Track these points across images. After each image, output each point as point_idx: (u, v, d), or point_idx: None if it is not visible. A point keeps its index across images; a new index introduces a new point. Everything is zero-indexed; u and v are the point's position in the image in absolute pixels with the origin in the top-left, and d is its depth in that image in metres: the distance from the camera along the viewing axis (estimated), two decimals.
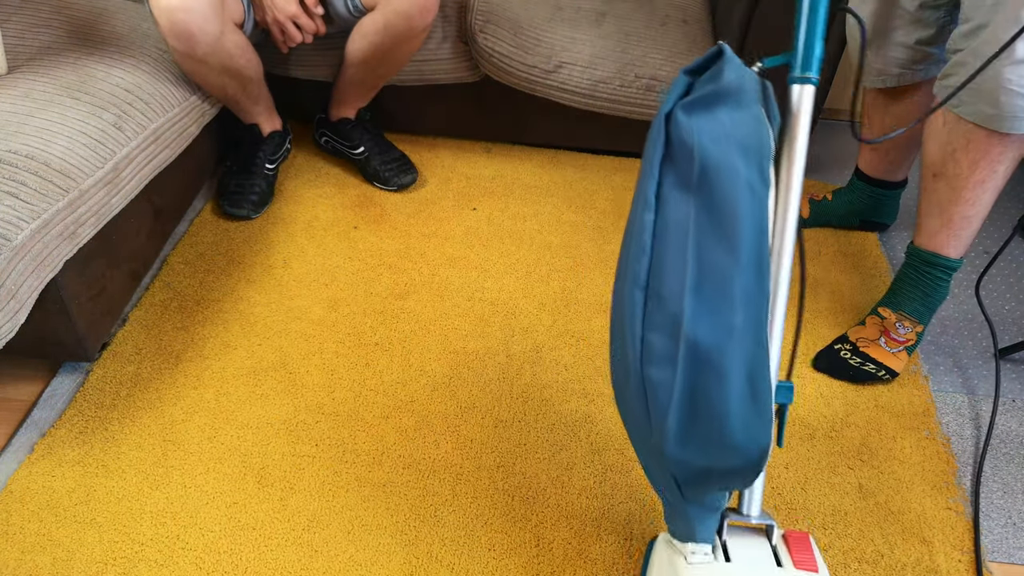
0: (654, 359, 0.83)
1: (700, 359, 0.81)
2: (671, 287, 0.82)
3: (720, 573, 0.90)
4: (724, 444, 0.82)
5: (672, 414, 0.83)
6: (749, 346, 0.80)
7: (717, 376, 0.80)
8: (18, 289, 1.08)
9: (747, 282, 0.80)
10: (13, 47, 1.34)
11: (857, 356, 1.38)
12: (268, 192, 1.69)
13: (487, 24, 1.68)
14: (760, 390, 0.81)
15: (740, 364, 0.80)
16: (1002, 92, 1.15)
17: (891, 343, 1.38)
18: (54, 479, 1.16)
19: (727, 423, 0.81)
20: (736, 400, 0.80)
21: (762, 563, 0.91)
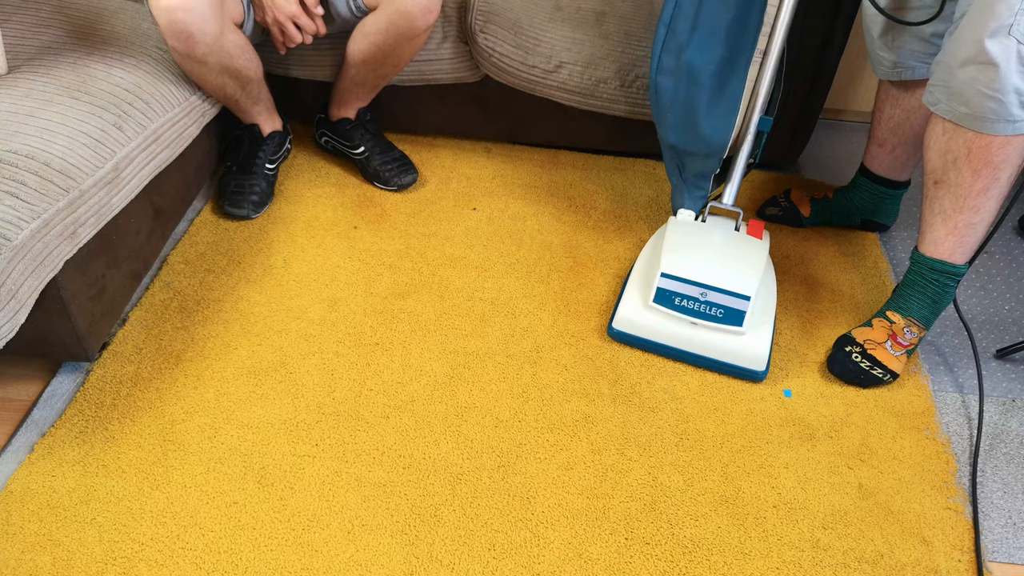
0: (663, 71, 1.38)
1: (691, 75, 1.35)
2: (682, 25, 1.35)
3: (693, 223, 1.48)
4: (698, 135, 1.40)
5: (671, 111, 1.40)
6: (729, 75, 1.35)
7: (698, 88, 1.36)
8: (18, 289, 1.08)
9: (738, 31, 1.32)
10: (13, 47, 1.34)
11: (867, 359, 1.38)
12: (268, 192, 1.69)
13: (487, 24, 1.68)
14: (730, 106, 1.37)
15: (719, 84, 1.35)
16: (972, 93, 1.15)
17: (896, 347, 1.38)
18: (54, 479, 1.17)
19: (699, 120, 1.38)
20: (709, 107, 1.36)
21: (722, 225, 1.47)
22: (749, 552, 1.14)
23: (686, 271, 1.35)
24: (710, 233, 1.45)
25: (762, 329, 1.36)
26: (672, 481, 1.22)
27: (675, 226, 1.46)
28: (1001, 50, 1.10)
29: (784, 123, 1.82)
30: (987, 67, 1.12)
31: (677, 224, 1.47)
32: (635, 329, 1.39)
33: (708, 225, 1.46)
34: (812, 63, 1.72)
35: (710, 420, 1.32)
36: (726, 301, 1.33)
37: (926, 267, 1.37)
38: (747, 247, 1.42)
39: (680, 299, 1.34)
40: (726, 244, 1.43)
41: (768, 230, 1.49)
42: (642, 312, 1.38)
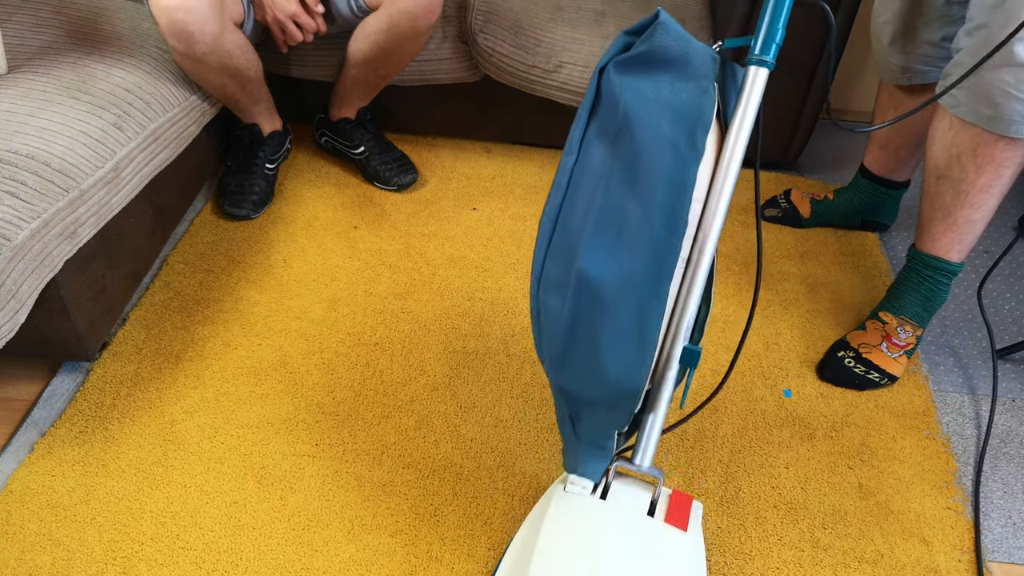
0: (550, 286, 0.91)
1: (589, 292, 0.88)
2: (575, 222, 0.89)
3: (584, 504, 0.97)
4: (597, 375, 0.91)
5: (560, 342, 0.91)
6: (644, 295, 0.87)
7: (601, 311, 0.88)
8: (18, 289, 1.08)
9: (655, 236, 0.87)
10: (13, 47, 1.34)
11: (861, 364, 1.38)
12: (268, 192, 1.69)
13: (487, 24, 1.68)
14: (646, 338, 0.89)
15: (631, 308, 0.87)
16: (998, 94, 1.15)
17: (892, 348, 1.38)
18: (54, 479, 1.17)
19: (602, 356, 0.89)
20: (617, 338, 0.88)
21: (633, 508, 0.97)
22: (749, 552, 1.14)
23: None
24: (604, 526, 0.95)
25: None
26: (672, 481, 1.22)
27: (557, 510, 0.98)
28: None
29: (784, 123, 1.82)
30: (1019, 70, 1.11)
31: (561, 505, 0.98)
32: None
33: (606, 508, 0.97)
34: (811, 63, 1.72)
35: (710, 420, 1.32)
36: None
37: (921, 263, 1.37)
38: (658, 554, 0.92)
39: None
40: (625, 546, 0.93)
41: (700, 506, 0.99)
42: None
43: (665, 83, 0.89)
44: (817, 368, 1.41)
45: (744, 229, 1.72)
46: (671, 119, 0.87)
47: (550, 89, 1.72)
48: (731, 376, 1.39)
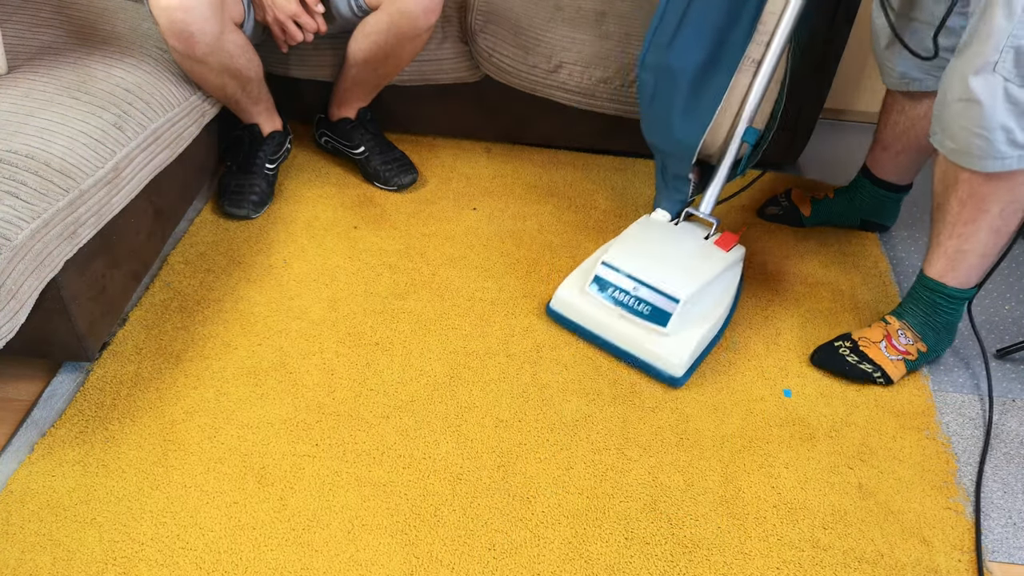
0: (647, 66, 1.36)
1: (670, 75, 1.34)
2: (670, 21, 1.31)
3: (660, 222, 1.48)
4: (671, 136, 1.40)
5: (650, 108, 1.39)
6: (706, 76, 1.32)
7: (675, 89, 1.34)
8: (18, 289, 1.08)
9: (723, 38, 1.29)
10: (13, 47, 1.34)
11: (855, 354, 1.38)
12: (268, 192, 1.69)
13: (487, 24, 1.68)
14: (702, 114, 1.34)
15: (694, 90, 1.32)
16: (958, 129, 1.15)
17: (891, 349, 1.38)
18: (54, 479, 1.17)
19: (672, 121, 1.37)
20: (682, 108, 1.35)
21: (694, 232, 1.46)
22: (749, 552, 1.14)
23: (625, 263, 1.36)
24: (672, 236, 1.44)
25: (691, 335, 1.34)
26: (672, 481, 1.22)
27: (641, 223, 1.48)
28: (985, 87, 1.09)
29: (784, 123, 1.82)
30: (972, 104, 1.11)
31: (645, 222, 1.48)
32: (569, 311, 1.41)
33: (676, 229, 1.46)
34: (812, 63, 1.72)
35: (710, 420, 1.32)
36: (655, 299, 1.33)
37: (921, 282, 1.37)
38: (703, 255, 1.41)
39: (613, 290, 1.35)
40: (682, 248, 1.42)
41: (742, 249, 1.46)
42: (579, 297, 1.40)
43: None
44: (812, 354, 1.42)
45: (746, 229, 1.72)
46: None
47: (550, 89, 1.72)
48: (731, 376, 1.39)
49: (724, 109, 1.35)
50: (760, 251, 1.66)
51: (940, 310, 1.36)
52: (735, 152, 1.39)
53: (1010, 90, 1.09)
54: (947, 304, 1.35)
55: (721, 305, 1.41)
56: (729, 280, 1.44)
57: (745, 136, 1.37)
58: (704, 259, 1.40)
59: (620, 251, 1.39)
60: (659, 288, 1.33)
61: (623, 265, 1.37)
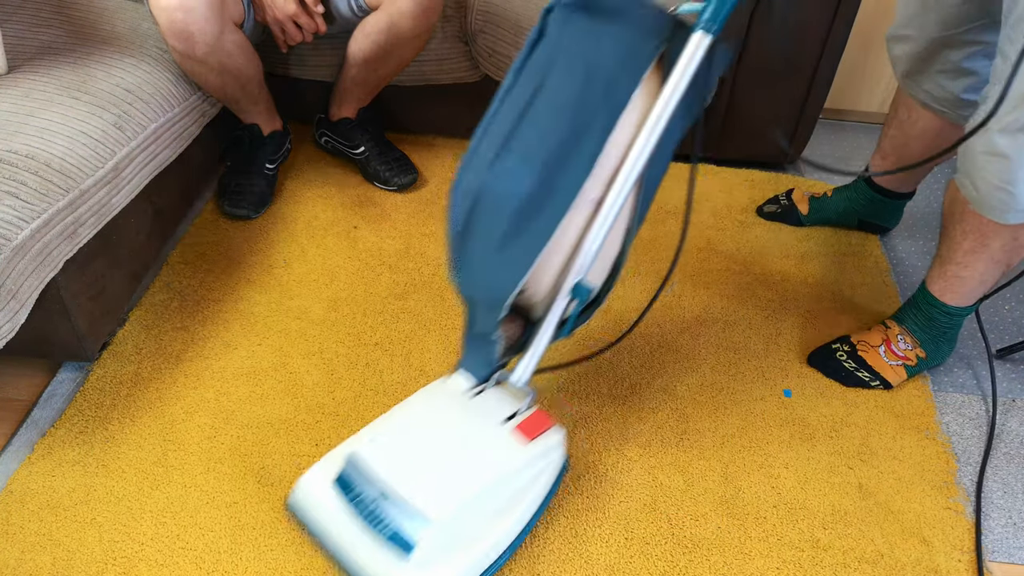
0: (460, 187, 0.98)
1: (483, 201, 0.97)
2: (493, 136, 0.97)
3: (450, 392, 1.11)
4: (475, 277, 1.02)
5: (458, 240, 1.00)
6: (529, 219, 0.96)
7: (493, 218, 0.97)
8: (18, 289, 1.08)
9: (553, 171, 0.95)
10: (13, 47, 1.34)
11: (853, 360, 1.38)
12: (268, 192, 1.69)
13: (487, 24, 1.68)
14: (523, 247, 0.97)
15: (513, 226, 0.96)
16: (980, 180, 1.14)
17: (890, 354, 1.38)
18: (54, 479, 1.17)
19: (486, 260, 0.99)
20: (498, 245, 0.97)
21: (492, 410, 1.08)
22: (749, 552, 1.14)
23: (376, 461, 1.02)
24: (459, 417, 1.08)
25: (444, 569, 0.99)
26: (672, 481, 1.22)
27: (429, 392, 1.13)
28: (1013, 145, 1.08)
29: (784, 123, 1.82)
30: (1000, 160, 1.10)
31: (432, 392, 1.12)
32: (309, 509, 1.06)
33: (469, 405, 1.09)
34: (812, 63, 1.72)
35: (710, 420, 1.32)
36: (400, 518, 0.97)
37: (922, 294, 1.37)
38: (491, 449, 1.04)
39: (357, 494, 1.01)
40: (465, 438, 1.05)
41: (561, 432, 1.10)
42: (325, 491, 1.04)
43: (605, 32, 0.95)
44: (809, 355, 1.42)
45: (743, 229, 1.72)
46: (596, 65, 0.94)
47: None
48: (731, 376, 1.39)
49: (551, 253, 1.00)
50: (760, 251, 1.67)
51: (938, 323, 1.36)
52: (560, 310, 1.05)
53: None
54: (945, 319, 1.35)
55: (509, 517, 1.06)
56: (527, 481, 1.07)
57: (574, 292, 1.03)
58: (489, 456, 1.04)
59: (377, 441, 1.04)
60: (408, 503, 0.97)
61: (373, 463, 1.01)
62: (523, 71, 0.97)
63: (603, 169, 0.98)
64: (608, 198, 0.99)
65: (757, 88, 1.76)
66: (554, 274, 1.03)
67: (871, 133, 2.10)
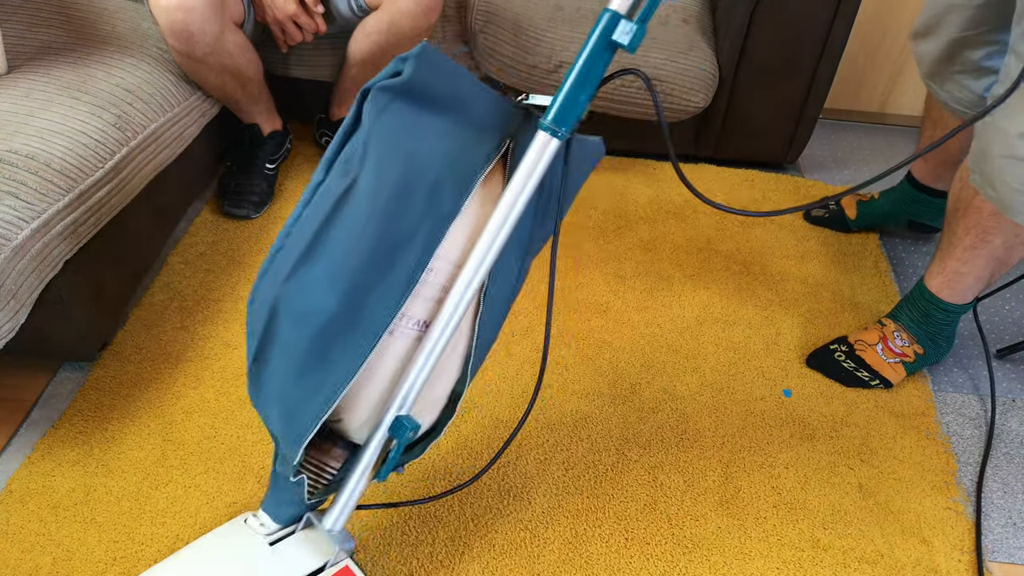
0: (257, 297, 0.83)
1: (282, 317, 0.81)
2: (295, 242, 0.81)
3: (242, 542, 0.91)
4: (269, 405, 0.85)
5: (249, 355, 0.84)
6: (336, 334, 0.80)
7: (295, 340, 0.80)
8: (18, 289, 1.08)
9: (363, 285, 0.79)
10: (13, 47, 1.34)
11: (851, 360, 1.38)
12: (268, 192, 1.69)
13: (487, 24, 1.68)
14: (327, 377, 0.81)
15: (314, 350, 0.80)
16: (1000, 183, 1.14)
17: (888, 352, 1.38)
18: (54, 479, 1.17)
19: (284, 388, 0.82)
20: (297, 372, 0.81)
21: (294, 565, 0.89)
22: (749, 552, 1.14)
23: None
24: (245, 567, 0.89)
25: None
26: (672, 481, 1.22)
27: (220, 537, 0.93)
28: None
29: (784, 123, 1.82)
30: (1019, 163, 1.10)
31: (227, 535, 0.93)
32: None
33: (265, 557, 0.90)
34: (812, 63, 1.72)
35: (710, 420, 1.32)
36: None
37: (919, 291, 1.37)
38: None
39: None
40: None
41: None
42: None
43: (430, 126, 0.81)
44: (808, 356, 1.42)
45: (745, 228, 1.72)
46: (418, 165, 0.79)
47: (550, 89, 1.72)
48: (731, 376, 1.39)
49: (364, 384, 0.85)
50: (760, 251, 1.67)
51: (934, 320, 1.36)
52: (377, 448, 0.87)
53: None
54: (941, 316, 1.35)
55: None
56: None
57: (393, 430, 0.86)
58: None
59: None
60: None
61: None
62: (334, 166, 0.82)
63: (430, 287, 0.82)
64: (437, 322, 0.83)
65: (757, 88, 1.76)
66: (372, 405, 0.86)
67: (871, 133, 2.10)
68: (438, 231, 0.80)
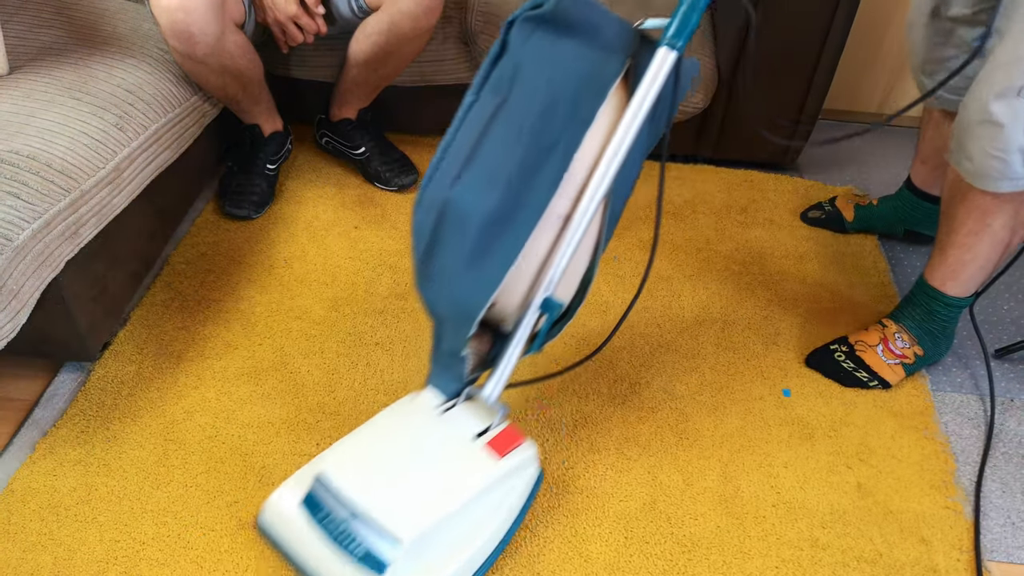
0: (424, 204, 0.97)
1: (450, 217, 0.95)
2: (455, 153, 0.96)
3: (419, 410, 1.09)
4: (443, 292, 1.00)
5: (418, 252, 0.99)
6: (497, 236, 0.94)
7: (462, 237, 0.95)
8: (20, 289, 1.08)
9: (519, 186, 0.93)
10: (14, 47, 1.34)
11: (851, 360, 1.38)
12: (269, 192, 1.70)
13: (487, 24, 1.68)
14: (490, 272, 0.96)
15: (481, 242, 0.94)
16: (976, 150, 1.15)
17: (888, 354, 1.38)
18: (55, 478, 1.17)
19: (448, 276, 0.98)
20: (462, 264, 0.95)
21: (462, 427, 1.07)
22: (748, 551, 1.14)
23: (345, 481, 1.00)
24: (429, 433, 1.07)
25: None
26: (671, 480, 1.22)
27: (397, 409, 1.11)
28: (1008, 110, 1.09)
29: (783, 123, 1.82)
30: (993, 127, 1.11)
31: (402, 408, 1.11)
32: (278, 529, 1.03)
33: (439, 422, 1.07)
34: (811, 63, 1.72)
35: (709, 420, 1.32)
36: (371, 538, 0.96)
37: (920, 288, 1.37)
38: (461, 468, 1.03)
39: (326, 514, 0.99)
40: (435, 455, 1.04)
41: (532, 446, 1.09)
42: (293, 511, 1.01)
43: (567, 47, 0.94)
44: (807, 356, 1.42)
45: (743, 228, 1.72)
46: (560, 82, 0.93)
47: None
48: (730, 376, 1.39)
49: (520, 269, 0.99)
50: (760, 251, 1.67)
51: (937, 316, 1.36)
52: (530, 325, 1.04)
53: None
54: (944, 311, 1.35)
55: (479, 535, 1.05)
56: (500, 497, 1.07)
57: (543, 307, 1.03)
58: (462, 473, 1.03)
59: (344, 461, 1.03)
60: (378, 524, 0.96)
61: (342, 483, 0.99)
62: (485, 87, 0.95)
63: (570, 185, 0.97)
64: (576, 214, 0.98)
65: (757, 88, 1.76)
66: (523, 290, 1.02)
67: (871, 133, 2.10)
68: (577, 138, 0.94)
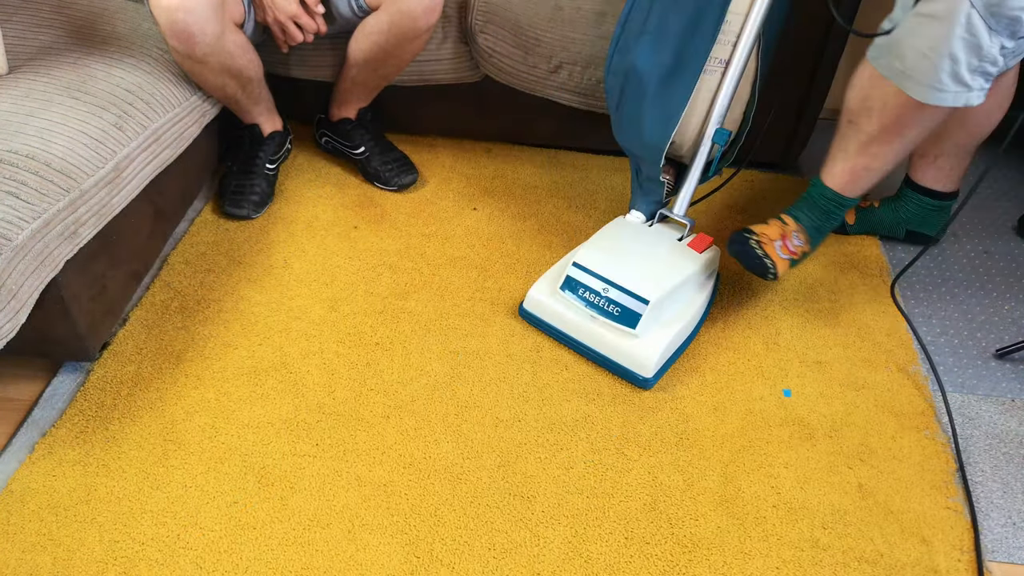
0: (613, 70, 1.41)
1: (636, 78, 1.36)
2: (633, 27, 1.36)
3: (634, 222, 1.49)
4: (635, 136, 1.42)
5: (618, 112, 1.43)
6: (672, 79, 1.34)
7: (642, 93, 1.37)
8: (19, 289, 1.08)
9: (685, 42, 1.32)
10: (14, 47, 1.34)
11: (760, 249, 1.43)
12: (269, 192, 1.69)
13: (487, 24, 1.68)
14: (670, 114, 1.36)
15: (660, 92, 1.35)
16: (908, 47, 1.13)
17: (784, 249, 1.43)
18: (55, 479, 1.17)
19: (641, 124, 1.39)
20: (649, 110, 1.37)
21: (668, 233, 1.47)
22: (749, 552, 1.14)
23: (596, 264, 1.36)
24: (645, 237, 1.45)
25: (661, 337, 1.34)
26: (672, 481, 1.22)
27: (615, 224, 1.48)
28: (949, 8, 1.06)
29: (784, 123, 1.82)
30: (931, 21, 1.08)
31: (619, 223, 1.49)
32: (541, 312, 1.42)
33: (649, 230, 1.46)
34: (811, 62, 1.72)
35: (710, 420, 1.32)
36: (625, 301, 1.32)
37: (819, 191, 1.43)
38: (675, 256, 1.41)
39: (584, 291, 1.35)
40: (654, 250, 1.42)
41: (716, 250, 1.46)
42: (550, 297, 1.40)
43: None
44: (727, 243, 1.46)
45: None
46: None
47: (550, 89, 1.72)
48: (731, 376, 1.39)
49: (692, 110, 1.37)
50: None
51: (831, 216, 1.43)
52: (706, 154, 1.41)
53: (972, 19, 1.07)
54: (839, 211, 1.43)
55: (693, 306, 1.41)
56: (702, 282, 1.44)
57: (715, 138, 1.38)
58: (676, 261, 1.40)
59: (591, 252, 1.39)
60: (629, 289, 1.32)
61: (594, 266, 1.36)
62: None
63: (726, 35, 1.32)
64: (734, 58, 1.33)
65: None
66: (696, 125, 1.40)
67: None
68: None
